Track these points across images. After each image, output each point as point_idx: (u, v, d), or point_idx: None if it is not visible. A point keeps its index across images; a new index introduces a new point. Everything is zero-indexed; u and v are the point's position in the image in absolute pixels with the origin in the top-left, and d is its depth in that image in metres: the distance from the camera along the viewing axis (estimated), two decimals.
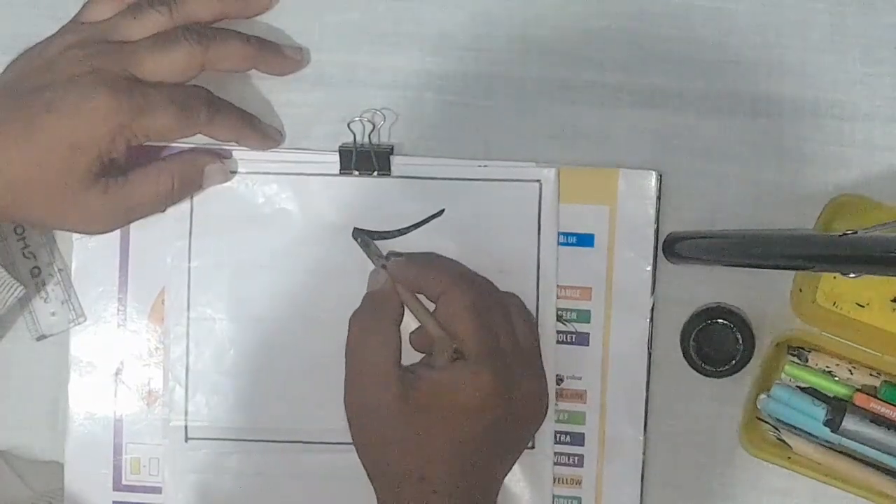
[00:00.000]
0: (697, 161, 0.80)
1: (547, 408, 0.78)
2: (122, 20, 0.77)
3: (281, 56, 0.80)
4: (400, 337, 0.75)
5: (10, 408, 0.83)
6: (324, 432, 0.80)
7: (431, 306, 0.76)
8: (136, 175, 0.76)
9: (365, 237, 0.79)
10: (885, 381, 0.77)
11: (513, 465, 0.77)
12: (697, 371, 0.79)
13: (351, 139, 0.80)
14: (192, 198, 0.80)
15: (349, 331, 0.75)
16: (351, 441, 0.75)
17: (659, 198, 0.79)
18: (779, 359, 0.79)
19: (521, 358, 0.76)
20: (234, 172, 0.80)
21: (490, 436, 0.73)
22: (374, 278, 0.78)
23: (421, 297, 0.76)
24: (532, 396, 0.76)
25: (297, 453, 0.80)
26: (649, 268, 0.79)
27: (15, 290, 0.77)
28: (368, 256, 0.79)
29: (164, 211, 0.80)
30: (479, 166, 0.80)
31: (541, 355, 0.78)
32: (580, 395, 0.80)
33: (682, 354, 0.79)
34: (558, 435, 0.80)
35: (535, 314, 0.79)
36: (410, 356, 0.76)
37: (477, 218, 0.79)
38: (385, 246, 0.80)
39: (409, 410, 0.72)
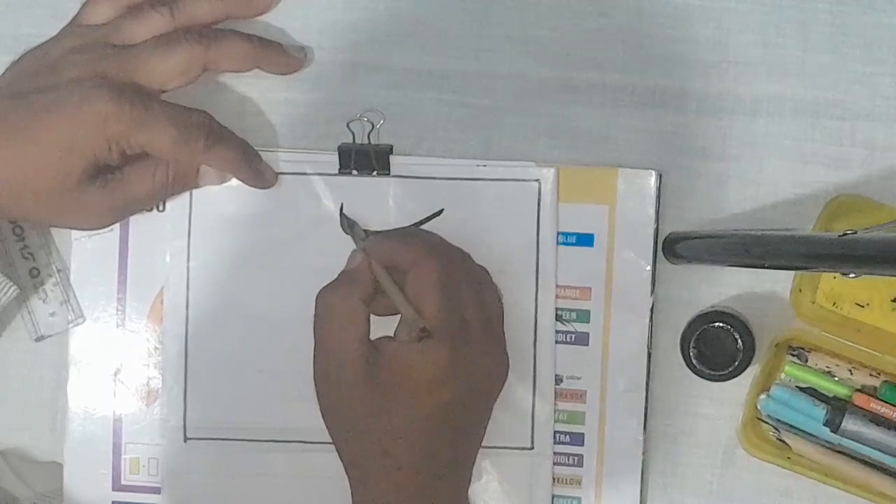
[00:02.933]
0: (697, 161, 0.80)
1: (504, 380, 0.77)
2: (124, 22, 0.77)
3: (283, 55, 0.80)
4: (368, 314, 0.74)
5: (9, 408, 0.83)
6: (324, 432, 0.79)
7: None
8: (131, 170, 0.76)
9: (350, 220, 0.79)
10: (885, 382, 0.77)
11: (479, 442, 0.77)
12: (698, 375, 0.79)
13: (350, 139, 0.80)
14: (190, 197, 0.80)
15: (316, 304, 0.75)
16: None
17: (659, 198, 0.79)
18: (779, 359, 0.79)
19: (485, 333, 0.76)
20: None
21: (452, 411, 0.74)
22: (352, 257, 0.77)
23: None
24: (492, 371, 0.76)
25: (296, 453, 0.80)
26: (649, 268, 0.79)
27: (9, 290, 0.77)
28: (353, 239, 0.79)
29: (162, 210, 0.80)
30: (479, 166, 0.80)
31: (503, 330, 0.78)
32: (580, 396, 0.80)
33: (682, 358, 0.79)
34: (558, 435, 0.80)
35: (533, 314, 0.79)
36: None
37: (476, 218, 0.79)
38: None
39: (371, 386, 0.73)
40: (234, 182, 0.80)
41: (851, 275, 0.73)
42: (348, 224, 0.79)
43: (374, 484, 0.74)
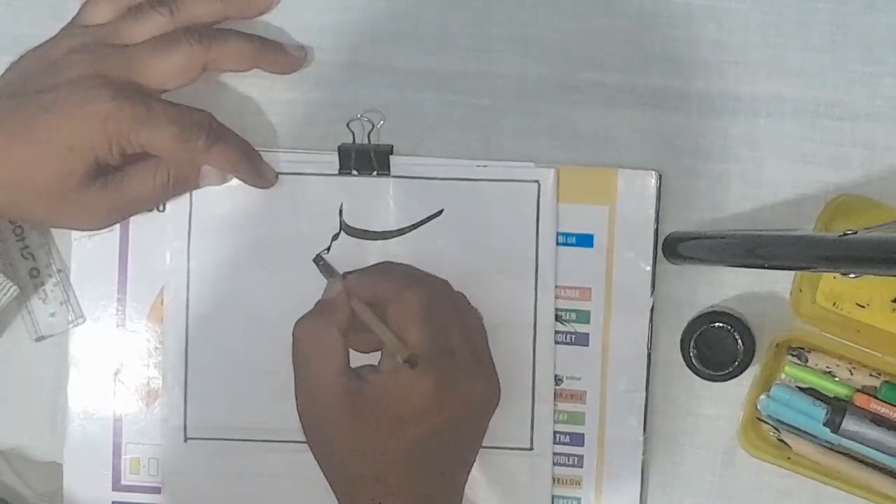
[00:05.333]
0: (697, 161, 0.80)
1: (497, 403, 0.76)
2: (124, 23, 0.77)
3: (283, 54, 0.80)
4: (346, 345, 0.74)
5: (9, 409, 0.83)
6: None
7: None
8: (132, 170, 0.76)
9: (324, 261, 0.79)
10: (886, 382, 0.77)
11: (472, 462, 0.77)
12: (699, 376, 0.79)
13: (350, 139, 0.80)
14: (191, 197, 0.80)
15: (293, 336, 0.75)
16: None
17: (659, 198, 0.79)
18: (779, 359, 0.79)
19: (472, 359, 0.75)
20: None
21: (441, 438, 0.73)
22: (329, 288, 0.77)
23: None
24: (482, 395, 0.75)
25: (296, 453, 0.80)
26: (649, 268, 0.79)
27: (9, 290, 0.77)
28: (325, 276, 0.78)
29: (162, 210, 0.80)
30: (478, 166, 0.80)
31: (490, 352, 0.77)
32: (580, 396, 0.80)
33: (682, 359, 0.79)
34: (558, 435, 0.80)
35: (533, 315, 0.79)
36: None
37: (476, 218, 0.79)
38: (385, 246, 0.80)
39: (356, 417, 0.72)
40: (235, 182, 0.80)
41: (851, 275, 0.73)
42: (327, 271, 0.79)
43: None
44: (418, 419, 0.72)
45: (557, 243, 0.79)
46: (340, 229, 0.80)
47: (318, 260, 0.79)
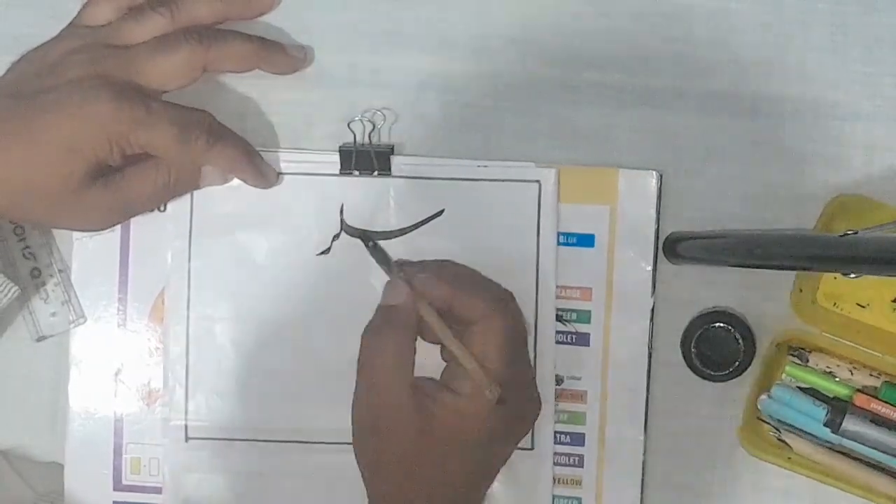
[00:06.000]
0: (697, 161, 0.80)
1: (537, 417, 0.77)
2: (124, 24, 0.77)
3: (284, 55, 0.80)
4: (415, 353, 0.73)
5: (10, 409, 0.83)
6: (324, 432, 0.80)
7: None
8: (132, 171, 0.76)
9: (383, 253, 0.78)
10: (886, 382, 0.77)
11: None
12: (699, 376, 0.79)
13: (351, 139, 0.80)
14: (192, 197, 0.80)
15: (362, 345, 0.74)
16: (350, 441, 0.75)
17: (659, 198, 0.79)
18: (779, 359, 0.79)
19: (531, 383, 0.76)
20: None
21: (495, 457, 0.74)
22: (392, 291, 0.75)
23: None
24: (532, 416, 0.76)
25: (297, 453, 0.80)
26: (649, 268, 0.79)
27: (10, 290, 0.77)
28: (378, 263, 0.78)
29: (163, 210, 0.80)
30: (479, 166, 0.80)
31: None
32: (580, 396, 0.80)
33: (682, 359, 0.79)
34: (558, 435, 0.80)
35: (534, 314, 0.79)
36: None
37: (476, 218, 0.79)
38: (386, 246, 0.80)
39: (423, 437, 0.71)
40: (235, 182, 0.80)
41: (852, 275, 0.73)
42: (382, 258, 0.77)
43: None
44: (486, 445, 0.72)
45: (558, 243, 0.79)
46: (341, 229, 0.80)
47: (371, 244, 0.78)
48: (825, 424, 0.77)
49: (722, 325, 0.79)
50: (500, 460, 0.76)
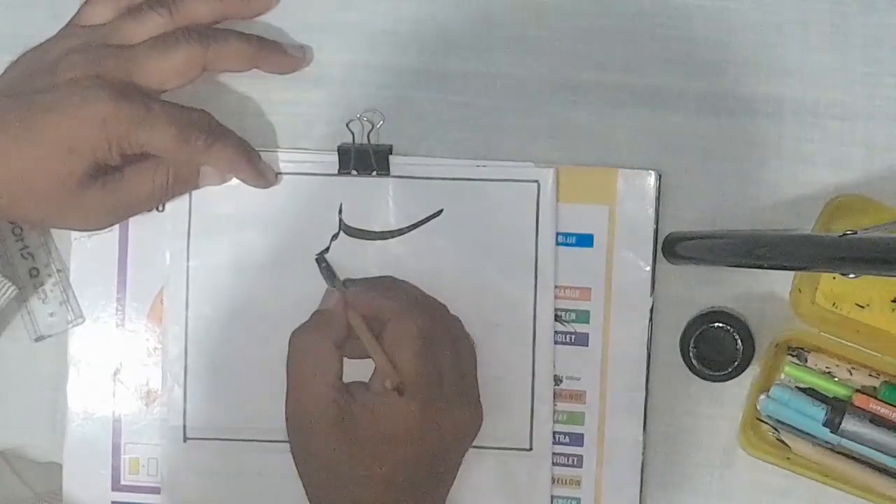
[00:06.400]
0: (697, 161, 0.80)
1: (479, 430, 0.77)
2: (123, 23, 0.77)
3: (282, 55, 0.80)
4: (341, 358, 0.75)
5: (8, 409, 0.83)
6: None
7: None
8: (131, 171, 0.76)
9: (330, 270, 0.79)
10: (885, 382, 0.77)
11: (450, 485, 0.77)
12: (698, 376, 0.79)
13: (350, 139, 0.80)
14: (190, 197, 0.80)
15: (289, 346, 0.75)
16: None
17: (658, 198, 0.79)
18: (778, 359, 0.79)
19: (459, 387, 0.76)
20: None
21: (421, 463, 0.74)
22: (327, 297, 0.78)
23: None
24: (465, 424, 0.76)
25: None
26: (649, 268, 0.79)
27: (8, 290, 0.77)
28: (325, 279, 0.79)
29: (162, 210, 0.80)
30: (478, 166, 0.80)
31: (477, 380, 0.78)
32: (579, 396, 0.80)
33: (681, 359, 0.79)
34: (557, 435, 0.80)
35: (532, 314, 0.79)
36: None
37: (475, 218, 0.79)
38: (385, 246, 0.80)
39: (341, 434, 0.73)
40: (234, 182, 0.80)
41: (851, 275, 0.73)
42: (328, 274, 0.79)
43: None
44: (401, 444, 0.73)
45: (557, 243, 0.79)
46: (340, 229, 0.80)
47: (321, 261, 0.80)
48: (824, 424, 0.77)
49: (721, 325, 0.79)
50: (439, 469, 0.75)
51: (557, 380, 0.80)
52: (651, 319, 0.79)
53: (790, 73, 0.79)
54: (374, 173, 0.80)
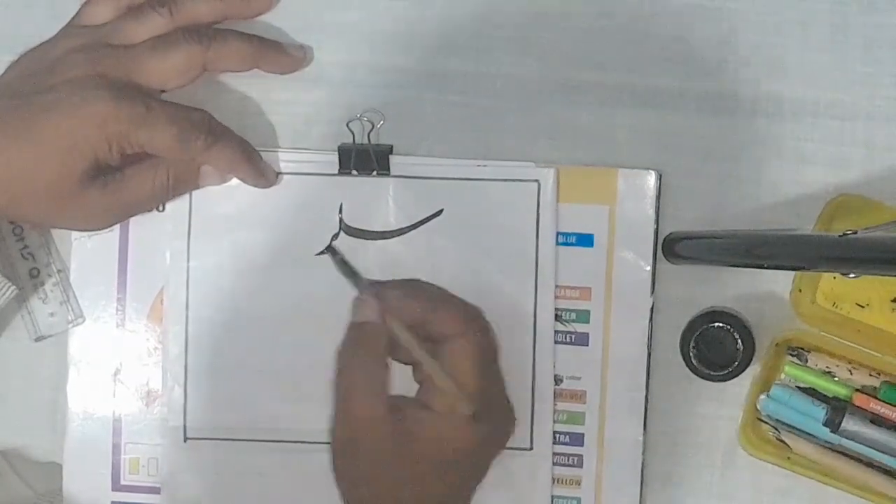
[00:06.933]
0: (697, 161, 0.80)
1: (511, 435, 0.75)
2: (124, 23, 0.77)
3: (283, 54, 0.80)
4: (389, 370, 0.70)
5: (9, 409, 0.83)
6: (322, 432, 0.79)
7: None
8: (131, 171, 0.76)
9: (350, 266, 0.72)
10: (885, 382, 0.77)
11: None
12: (698, 376, 0.79)
13: (350, 139, 0.80)
14: (190, 197, 0.80)
15: (336, 366, 0.71)
16: None
17: (659, 198, 0.79)
18: (778, 359, 0.79)
19: (504, 398, 0.74)
20: None
21: (470, 476, 0.72)
22: (361, 308, 0.71)
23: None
24: (507, 435, 0.74)
25: (296, 453, 0.80)
26: (649, 268, 0.79)
27: (8, 290, 0.77)
28: (346, 277, 0.72)
29: (162, 210, 0.80)
30: (479, 166, 0.80)
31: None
32: (579, 396, 0.80)
33: (682, 359, 0.79)
34: (557, 435, 0.80)
35: (533, 314, 0.79)
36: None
37: (475, 218, 0.79)
38: (385, 246, 0.80)
39: (399, 457, 0.70)
40: (235, 182, 0.80)
41: (851, 275, 0.73)
42: (346, 270, 0.72)
43: None
44: (463, 464, 0.71)
45: (557, 243, 0.79)
46: (340, 229, 0.80)
47: (334, 253, 0.73)
48: (824, 424, 0.77)
49: (721, 324, 0.79)
50: (477, 476, 0.74)
51: (558, 379, 0.80)
52: (651, 319, 0.79)
53: (790, 73, 0.79)
54: (375, 173, 0.80)
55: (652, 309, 0.80)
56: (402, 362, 0.73)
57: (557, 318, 0.80)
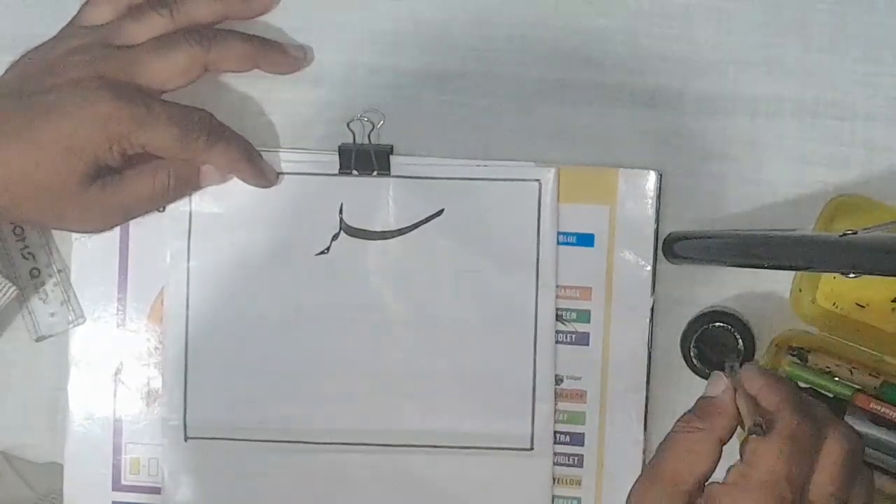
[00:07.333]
0: (697, 161, 0.80)
1: None
2: (124, 23, 0.77)
3: (283, 54, 0.80)
4: (719, 458, 0.64)
5: (9, 409, 0.83)
6: (323, 432, 0.80)
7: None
8: (132, 173, 0.76)
9: (734, 362, 0.67)
10: (886, 382, 0.77)
11: None
12: (699, 376, 0.79)
13: (350, 139, 0.80)
14: (190, 197, 0.80)
15: (671, 432, 0.65)
16: (352, 441, 0.75)
17: (659, 198, 0.79)
18: (779, 359, 0.79)
19: None
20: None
21: None
22: (715, 383, 0.66)
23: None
24: None
25: (297, 453, 0.80)
26: (649, 268, 0.79)
27: (8, 290, 0.77)
28: (726, 366, 0.67)
29: (162, 210, 0.80)
30: (479, 166, 0.80)
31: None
32: (580, 396, 0.80)
33: (682, 359, 0.79)
34: (558, 435, 0.80)
35: (533, 314, 0.79)
36: None
37: (476, 218, 0.79)
38: (385, 246, 0.80)
39: None
40: (234, 182, 0.80)
41: (851, 275, 0.73)
42: (730, 366, 0.66)
43: None
44: None
45: (558, 243, 0.79)
46: (340, 229, 0.80)
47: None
48: None
49: (721, 324, 0.79)
50: None
51: (558, 379, 0.80)
52: (651, 319, 0.80)
53: (790, 73, 0.79)
54: (375, 173, 0.80)
55: (652, 309, 0.80)
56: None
57: (558, 317, 0.80)
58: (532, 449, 0.80)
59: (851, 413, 0.76)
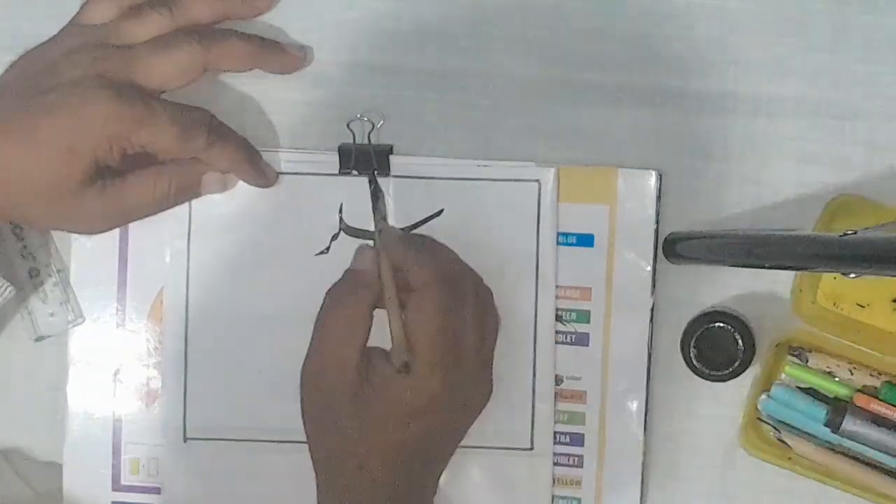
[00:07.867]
0: (697, 161, 0.80)
1: (485, 405, 0.77)
2: (124, 23, 0.77)
3: (283, 54, 0.80)
4: (371, 320, 0.74)
5: (9, 409, 0.83)
6: None
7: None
8: (133, 177, 0.75)
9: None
10: (886, 382, 0.77)
11: (451, 455, 0.77)
12: (698, 376, 0.79)
13: (350, 139, 0.80)
14: None
15: (323, 303, 0.74)
16: None
17: (659, 198, 0.79)
18: (779, 359, 0.79)
19: (477, 364, 0.75)
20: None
21: (430, 437, 0.74)
22: (361, 255, 0.77)
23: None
24: (476, 400, 0.76)
25: (296, 453, 0.80)
26: (649, 268, 0.79)
27: (7, 290, 0.77)
28: (374, 208, 0.78)
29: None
30: (479, 166, 0.80)
31: (493, 356, 0.77)
32: (580, 396, 0.80)
33: (682, 359, 0.79)
34: (558, 435, 0.80)
35: (533, 314, 0.79)
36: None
37: (476, 218, 0.79)
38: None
39: (358, 400, 0.72)
40: (234, 182, 0.80)
41: (851, 275, 0.72)
42: (377, 204, 0.79)
43: (344, 491, 0.74)
44: (414, 419, 0.72)
45: (558, 243, 0.79)
46: (340, 229, 0.80)
47: (371, 182, 0.79)
48: (825, 424, 0.77)
49: (722, 324, 0.79)
50: (445, 443, 0.76)
51: (558, 380, 0.80)
52: (651, 319, 0.79)
53: (790, 73, 0.79)
54: (375, 173, 0.80)
55: (652, 309, 0.80)
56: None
57: (558, 318, 0.80)
58: (532, 449, 0.80)
59: (852, 413, 0.76)
